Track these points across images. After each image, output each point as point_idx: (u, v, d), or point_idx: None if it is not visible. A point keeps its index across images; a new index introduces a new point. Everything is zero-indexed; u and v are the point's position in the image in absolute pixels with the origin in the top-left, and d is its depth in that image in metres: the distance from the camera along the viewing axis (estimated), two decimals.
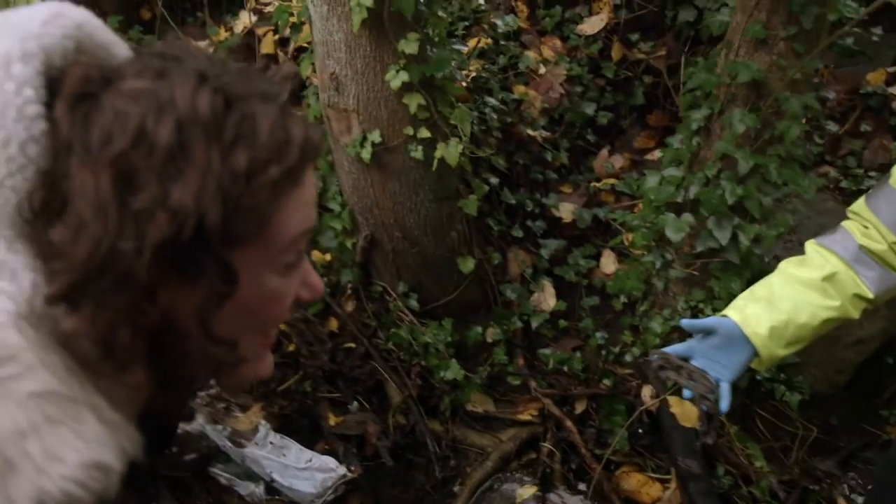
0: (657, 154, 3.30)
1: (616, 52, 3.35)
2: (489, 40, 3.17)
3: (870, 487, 2.52)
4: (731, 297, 2.39)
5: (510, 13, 3.43)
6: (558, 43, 3.36)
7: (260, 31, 3.29)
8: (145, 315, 0.61)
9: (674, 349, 1.48)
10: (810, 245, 1.48)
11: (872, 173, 3.01)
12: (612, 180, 3.20)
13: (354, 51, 2.40)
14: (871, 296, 1.39)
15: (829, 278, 1.39)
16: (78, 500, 0.55)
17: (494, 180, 2.99)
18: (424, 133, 2.52)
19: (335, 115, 2.56)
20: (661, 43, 3.37)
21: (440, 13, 2.49)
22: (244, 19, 3.41)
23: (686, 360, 1.48)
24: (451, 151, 2.55)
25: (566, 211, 3.14)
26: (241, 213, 0.60)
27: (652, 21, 3.40)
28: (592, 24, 3.36)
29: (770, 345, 1.39)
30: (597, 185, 3.19)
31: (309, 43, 2.88)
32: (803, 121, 2.08)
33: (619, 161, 3.26)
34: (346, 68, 2.44)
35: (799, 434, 2.73)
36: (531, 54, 3.30)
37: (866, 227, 1.41)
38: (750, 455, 2.60)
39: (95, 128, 0.58)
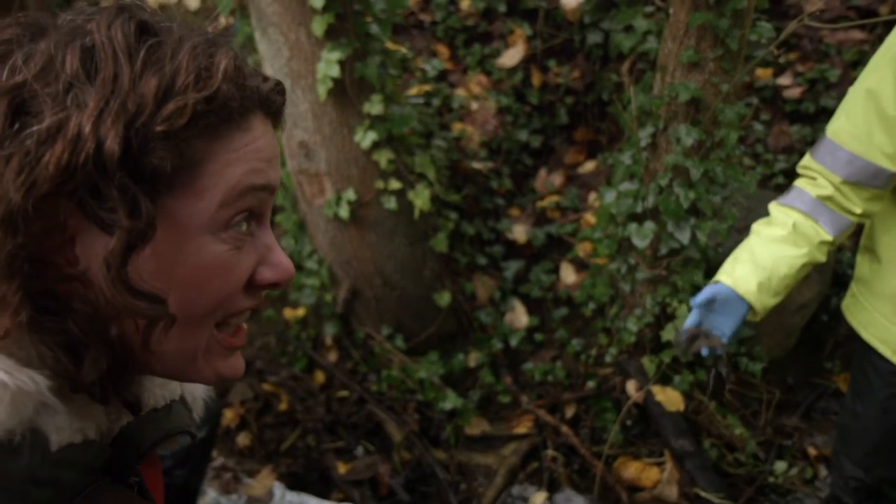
0: (588, 167, 3.59)
1: (536, 79, 3.61)
2: (427, 86, 3.37)
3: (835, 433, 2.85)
4: (694, 288, 2.69)
5: (433, 57, 3.64)
6: (483, 78, 3.60)
7: None
8: (40, 260, 0.56)
9: (689, 321, 1.76)
10: (773, 206, 1.76)
11: (780, 156, 3.38)
12: (554, 197, 3.45)
13: (321, 118, 2.55)
14: (830, 238, 1.69)
15: (795, 230, 1.68)
16: None
17: (453, 215, 3.18)
18: (395, 184, 2.69)
19: (307, 180, 2.69)
20: (575, 65, 3.66)
21: (393, 71, 2.67)
22: None
23: (698, 326, 1.76)
24: (421, 197, 2.73)
25: (520, 232, 3.37)
26: (157, 147, 0.55)
27: (564, 47, 3.69)
28: (511, 57, 3.61)
29: (761, 298, 1.69)
30: (542, 203, 3.44)
31: None
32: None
33: (557, 178, 3.52)
34: (314, 135, 2.58)
35: (764, 398, 3.04)
36: (461, 92, 3.52)
37: (814, 179, 1.69)
38: (729, 425, 2.88)
39: (5, 67, 0.55)
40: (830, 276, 3.14)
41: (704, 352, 1.77)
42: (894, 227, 1.78)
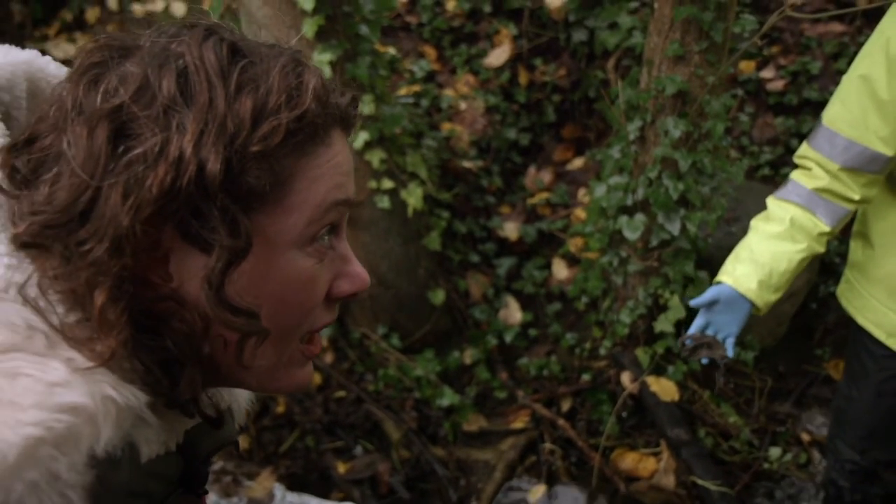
0: (577, 163, 3.63)
1: (523, 78, 3.65)
2: (415, 86, 3.40)
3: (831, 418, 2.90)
4: (685, 278, 2.73)
5: (420, 58, 3.67)
6: (471, 78, 3.63)
7: None
8: (139, 280, 0.57)
9: (694, 327, 1.78)
10: (770, 200, 1.79)
11: (766, 147, 3.43)
12: (544, 194, 3.49)
13: None
14: (829, 229, 1.72)
15: (793, 224, 1.70)
16: (44, 442, 0.49)
17: (445, 214, 3.21)
18: (387, 184, 2.71)
19: None
20: (561, 63, 3.70)
21: (383, 72, 2.70)
22: None
23: (703, 331, 1.78)
24: (414, 195, 2.75)
25: (511, 230, 3.40)
26: (253, 166, 0.57)
27: (549, 45, 3.73)
28: (498, 57, 3.65)
29: (763, 295, 1.71)
30: (532, 200, 3.47)
31: None
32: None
33: (546, 176, 3.55)
34: None
35: (756, 386, 3.08)
36: (449, 93, 3.55)
37: (810, 169, 1.72)
38: (724, 413, 2.92)
39: (99, 90, 0.57)
40: (818, 264, 3.19)
41: (705, 360, 1.79)
42: (887, 213, 1.82)
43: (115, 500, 0.55)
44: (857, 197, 1.69)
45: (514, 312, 3.28)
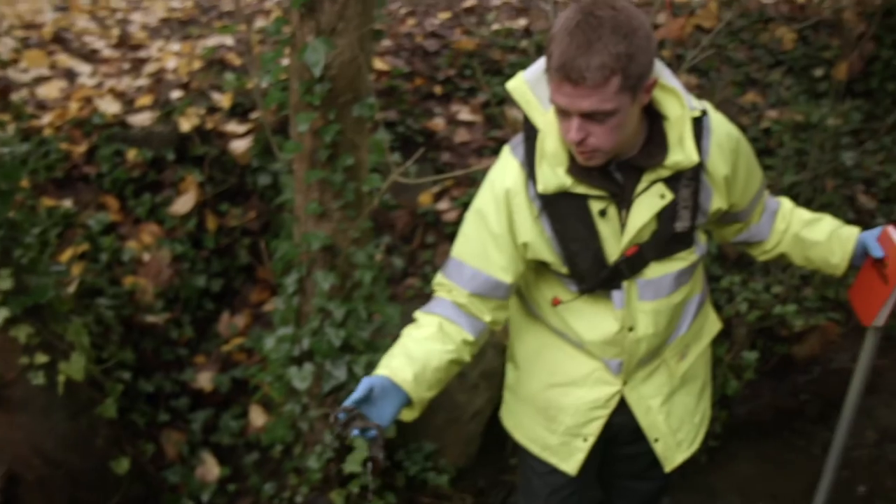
0: (273, 304, 3.65)
1: (211, 223, 3.65)
2: (86, 244, 3.26)
3: None
4: None
5: (100, 210, 3.55)
6: (156, 228, 3.56)
7: None
8: None
9: (350, 400, 1.65)
10: (418, 313, 1.84)
11: None
12: (239, 340, 3.45)
13: None
14: (472, 339, 1.80)
15: (441, 329, 1.76)
16: None
17: (127, 375, 3.06)
18: (41, 358, 2.55)
19: None
20: (250, 206, 3.76)
21: (29, 240, 2.57)
22: None
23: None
24: (74, 367, 2.60)
25: (205, 380, 3.32)
26: None
27: (237, 189, 3.78)
28: (183, 204, 3.62)
29: (418, 389, 1.69)
30: (227, 347, 3.42)
31: None
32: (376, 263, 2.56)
33: (241, 320, 3.53)
34: None
35: None
36: (132, 244, 3.45)
37: (451, 291, 1.82)
38: None
39: None
40: (499, 380, 3.41)
41: (355, 432, 1.65)
42: (526, 337, 2.00)
43: None
44: (488, 319, 1.81)
45: (211, 468, 3.16)
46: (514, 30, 4.89)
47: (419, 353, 1.72)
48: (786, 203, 2.03)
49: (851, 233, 1.94)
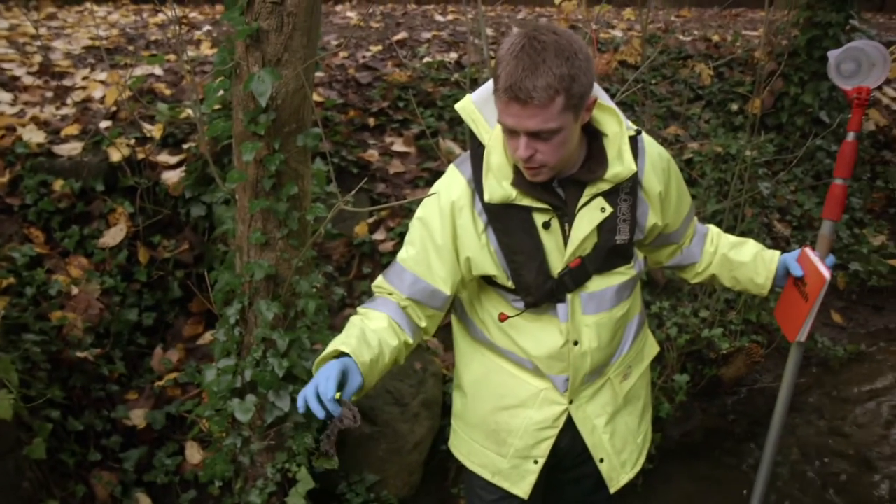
0: (208, 337, 3.57)
1: (143, 255, 3.56)
2: (10, 278, 3.14)
3: None
4: (308, 450, 2.76)
5: (26, 242, 3.43)
6: (84, 261, 3.46)
7: None
8: None
9: (330, 391, 1.54)
10: (365, 309, 1.85)
11: None
12: (173, 375, 3.36)
13: None
14: (411, 342, 1.84)
15: (391, 326, 1.79)
16: None
17: (56, 413, 2.94)
18: None
19: None
20: (183, 238, 3.68)
21: None
22: None
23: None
24: (2, 406, 2.49)
25: (138, 417, 3.21)
26: None
27: (170, 221, 3.70)
28: (114, 236, 3.53)
29: (370, 375, 1.67)
30: (160, 383, 3.33)
31: None
32: (315, 291, 2.55)
33: (175, 354, 3.44)
34: None
35: None
36: (59, 278, 3.34)
37: (391, 294, 1.87)
38: None
39: None
40: (440, 409, 3.43)
41: (320, 414, 1.54)
42: (471, 364, 2.03)
43: None
44: (423, 325, 1.87)
45: None
46: (447, 62, 4.99)
47: (375, 341, 1.73)
48: (713, 228, 2.16)
49: (774, 255, 2.07)
